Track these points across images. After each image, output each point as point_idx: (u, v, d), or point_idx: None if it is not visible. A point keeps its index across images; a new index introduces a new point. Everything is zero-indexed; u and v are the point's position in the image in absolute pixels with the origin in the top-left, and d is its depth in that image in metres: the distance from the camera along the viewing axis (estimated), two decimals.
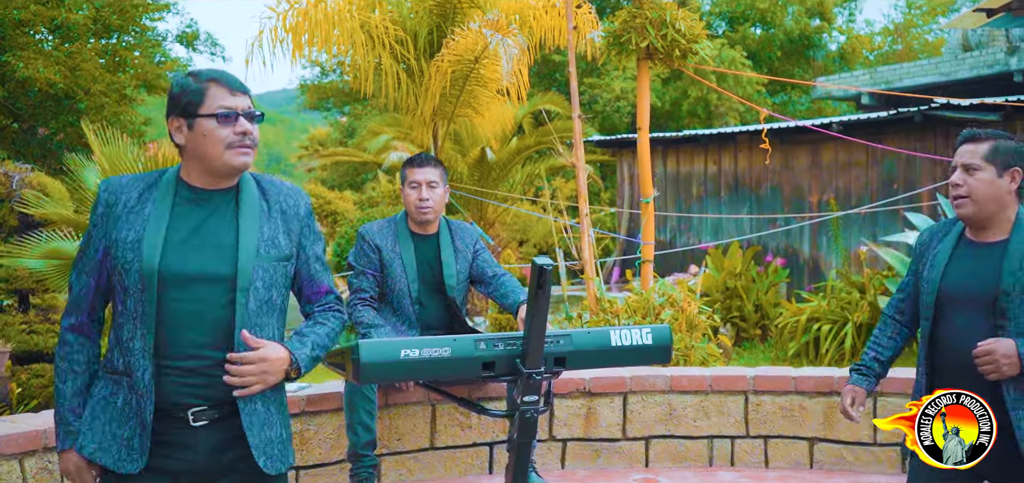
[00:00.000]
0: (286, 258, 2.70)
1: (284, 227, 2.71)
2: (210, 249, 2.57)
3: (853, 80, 21.68)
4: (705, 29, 7.67)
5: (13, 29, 17.02)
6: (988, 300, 3.11)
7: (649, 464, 5.12)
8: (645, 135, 7.62)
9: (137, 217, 2.55)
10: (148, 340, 2.51)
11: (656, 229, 15.73)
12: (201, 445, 2.59)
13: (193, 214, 2.60)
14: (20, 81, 16.65)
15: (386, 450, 4.84)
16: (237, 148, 2.57)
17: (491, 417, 3.85)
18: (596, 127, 24.55)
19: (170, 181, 2.61)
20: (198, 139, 2.56)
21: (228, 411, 2.60)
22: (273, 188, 2.74)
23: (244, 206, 2.64)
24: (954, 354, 3.14)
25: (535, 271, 3.18)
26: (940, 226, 3.37)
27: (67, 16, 17.49)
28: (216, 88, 2.56)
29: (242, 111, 2.58)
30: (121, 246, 2.53)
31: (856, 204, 13.84)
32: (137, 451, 2.54)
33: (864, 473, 4.96)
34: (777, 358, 10.86)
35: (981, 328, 3.11)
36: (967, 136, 3.23)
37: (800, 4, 28.94)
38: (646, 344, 3.53)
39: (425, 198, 4.63)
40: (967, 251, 3.20)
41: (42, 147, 18.66)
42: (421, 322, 4.64)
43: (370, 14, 11.49)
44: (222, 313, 2.57)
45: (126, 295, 2.54)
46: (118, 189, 2.59)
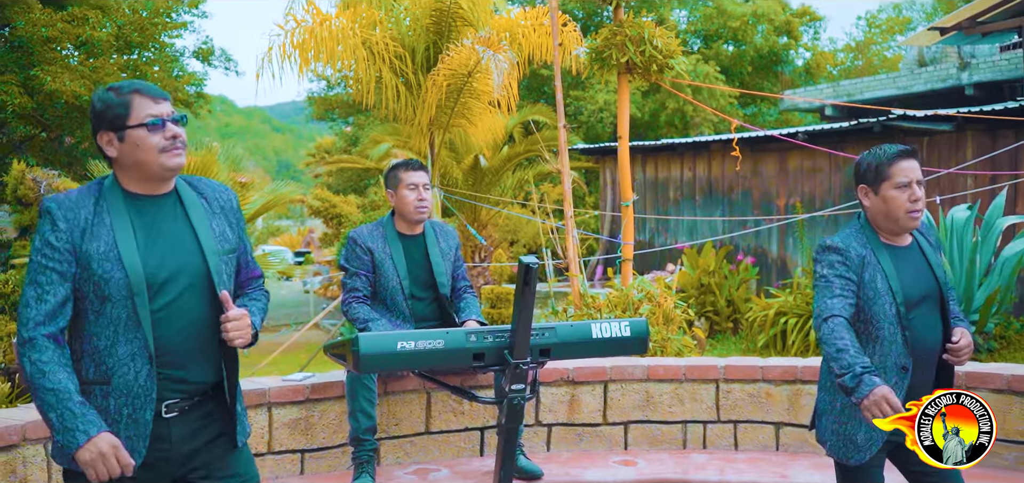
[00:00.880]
0: (233, 250, 2.70)
1: (226, 221, 2.69)
2: (177, 250, 2.54)
3: (817, 93, 21.71)
4: (681, 46, 7.68)
5: (41, 45, 16.96)
6: (936, 296, 3.18)
7: (628, 447, 5.13)
8: (625, 144, 7.63)
9: (100, 228, 2.47)
10: (141, 342, 2.46)
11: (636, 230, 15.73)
12: (174, 435, 2.56)
13: (146, 219, 2.54)
14: (48, 94, 16.59)
15: (385, 434, 4.84)
16: (170, 151, 2.51)
17: (482, 403, 3.85)
18: (581, 136, 24.56)
19: (114, 191, 2.54)
20: (131, 149, 2.50)
21: (198, 400, 2.60)
22: (208, 188, 2.72)
23: (190, 207, 2.61)
24: (923, 347, 3.13)
25: (522, 269, 3.19)
26: (850, 234, 3.21)
27: (91, 33, 17.44)
28: (140, 99, 2.50)
29: (167, 117, 2.52)
30: (96, 258, 2.45)
31: (820, 207, 13.86)
32: (132, 453, 2.47)
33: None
34: (747, 349, 10.88)
35: (936, 321, 3.17)
36: (910, 152, 3.17)
37: (769, 23, 29.00)
38: (624, 336, 3.55)
39: (423, 198, 4.64)
40: (900, 257, 3.18)
41: (68, 155, 18.61)
42: (414, 315, 4.64)
43: (371, 32, 11.50)
44: (198, 307, 2.56)
45: (105, 304, 2.45)
46: (74, 205, 2.49)
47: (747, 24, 28.72)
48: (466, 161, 15.71)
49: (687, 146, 15.93)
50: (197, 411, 2.60)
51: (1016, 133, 11.80)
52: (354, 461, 4.46)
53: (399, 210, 4.68)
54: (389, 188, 4.71)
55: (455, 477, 4.65)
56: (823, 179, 14.15)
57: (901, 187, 3.10)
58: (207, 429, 2.63)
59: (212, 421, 2.64)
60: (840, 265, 3.12)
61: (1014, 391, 4.60)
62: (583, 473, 4.68)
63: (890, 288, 3.10)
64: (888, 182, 3.13)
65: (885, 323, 3.09)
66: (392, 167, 4.73)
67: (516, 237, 19.12)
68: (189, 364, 2.55)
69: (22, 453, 3.78)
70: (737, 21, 28.60)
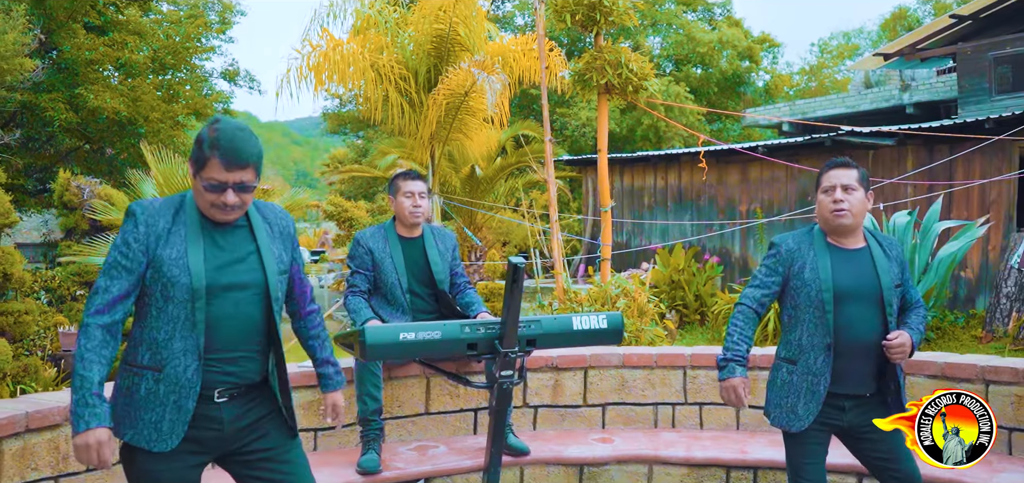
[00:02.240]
0: (286, 270, 2.72)
1: (283, 245, 2.72)
2: (239, 263, 2.57)
3: (776, 111, 21.75)
4: (654, 69, 7.70)
5: (85, 67, 16.94)
6: (875, 296, 3.20)
7: (605, 426, 5.12)
8: (604, 156, 7.63)
9: (176, 237, 2.51)
10: (194, 340, 2.50)
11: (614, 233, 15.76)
12: (225, 416, 2.60)
13: (218, 238, 2.57)
14: (91, 110, 16.57)
15: (389, 415, 4.82)
16: (221, 211, 2.53)
17: (475, 388, 3.84)
18: (565, 148, 24.55)
19: (191, 207, 2.58)
20: (197, 189, 2.54)
21: (245, 389, 2.63)
22: (272, 213, 2.74)
23: (257, 228, 2.64)
24: (851, 338, 3.16)
25: (510, 269, 3.18)
26: (800, 235, 3.31)
27: (130, 56, 17.42)
28: (215, 162, 2.47)
29: (232, 183, 2.49)
30: (166, 263, 2.48)
31: (777, 212, 13.88)
32: (166, 432, 2.51)
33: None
34: (713, 339, 10.88)
35: (872, 317, 3.19)
36: (840, 163, 3.27)
37: (733, 49, 29.03)
38: (602, 328, 3.54)
39: (418, 204, 4.63)
40: (840, 255, 3.22)
41: (109, 164, 18.55)
42: (413, 309, 4.62)
43: (379, 55, 11.48)
44: (254, 314, 2.59)
45: (167, 303, 2.49)
46: (154, 212, 2.53)
47: (713, 50, 28.74)
48: (463, 171, 15.70)
49: (660, 158, 15.94)
50: (246, 396, 2.64)
51: (951, 148, 11.84)
52: (362, 439, 4.45)
53: (397, 215, 4.68)
54: (390, 195, 4.71)
55: (451, 453, 4.64)
56: (780, 187, 14.17)
57: (826, 191, 3.24)
58: (256, 408, 2.67)
59: (261, 401, 2.69)
60: (771, 259, 3.30)
61: (947, 376, 4.61)
62: (566, 449, 4.67)
63: (818, 279, 3.17)
64: (819, 187, 3.28)
65: (808, 309, 3.19)
66: (393, 177, 4.73)
67: (508, 238, 19.09)
68: (241, 360, 2.59)
69: (65, 432, 3.76)
70: (704, 47, 28.64)
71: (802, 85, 39.43)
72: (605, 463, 4.60)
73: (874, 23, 54.47)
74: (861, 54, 39.76)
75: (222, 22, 22.24)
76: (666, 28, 30.50)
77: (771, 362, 4.95)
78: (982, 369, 4.51)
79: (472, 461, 4.50)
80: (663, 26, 30.47)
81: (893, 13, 37.92)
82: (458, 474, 4.45)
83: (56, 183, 10.17)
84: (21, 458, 3.59)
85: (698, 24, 30.82)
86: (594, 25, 7.28)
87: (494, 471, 3.47)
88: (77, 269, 8.93)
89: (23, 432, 3.60)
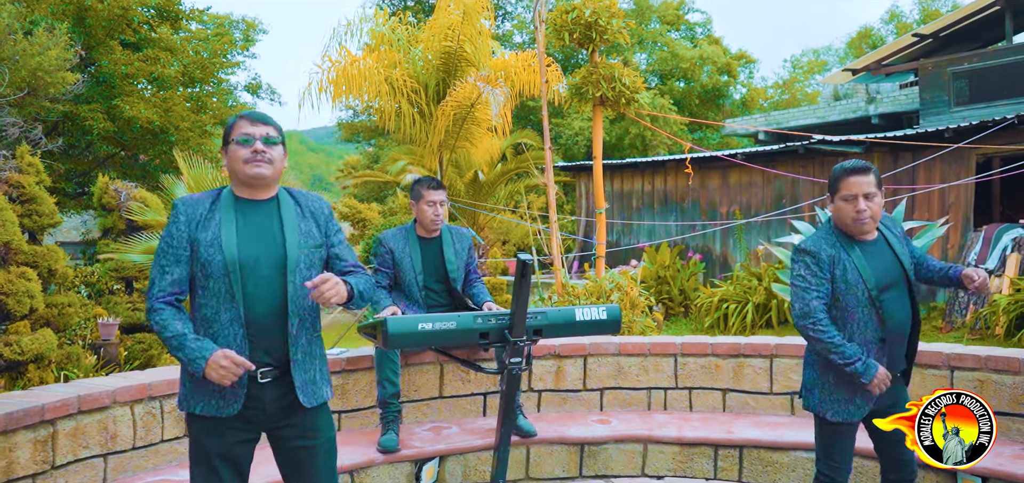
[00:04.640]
0: (319, 245, 2.71)
1: (314, 223, 2.72)
2: (266, 241, 2.59)
3: (752, 121, 21.76)
4: (643, 83, 7.70)
5: (121, 80, 16.93)
6: (903, 280, 3.11)
7: (603, 409, 5.13)
8: (598, 162, 7.63)
9: (211, 222, 2.58)
10: (236, 311, 2.52)
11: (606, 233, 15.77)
12: (266, 397, 2.61)
13: (248, 217, 2.62)
14: (126, 120, 16.55)
15: (406, 398, 4.83)
16: (252, 162, 2.58)
17: (486, 373, 3.84)
18: (560, 155, 24.54)
19: (227, 195, 2.65)
20: (230, 158, 2.61)
21: (284, 370, 2.62)
22: (303, 197, 2.78)
23: (284, 210, 2.67)
24: (895, 325, 3.06)
25: (519, 264, 3.18)
26: (821, 237, 3.12)
27: (162, 71, 17.39)
28: (242, 121, 2.62)
29: (259, 136, 2.60)
30: (204, 245, 2.54)
31: (755, 214, 13.89)
32: (231, 397, 2.55)
33: (763, 415, 4.98)
34: (696, 329, 10.90)
35: (905, 301, 3.10)
36: (860, 168, 3.07)
37: (713, 65, 29.04)
38: (602, 319, 3.55)
39: (439, 213, 4.62)
40: (868, 251, 3.09)
41: (142, 170, 18.52)
42: (427, 303, 4.63)
43: (392, 70, 11.48)
44: (279, 288, 2.59)
45: (209, 280, 2.53)
46: (193, 204, 2.61)
47: (695, 65, 28.76)
48: (468, 175, 15.69)
49: (647, 164, 15.95)
50: (283, 380, 2.63)
51: (913, 155, 11.86)
52: (382, 420, 4.46)
53: (419, 219, 4.65)
54: (413, 200, 4.67)
55: (463, 433, 4.64)
56: (757, 191, 14.19)
57: (847, 199, 3.06)
58: (288, 395, 2.64)
59: (292, 389, 2.65)
60: (813, 265, 3.05)
61: (916, 363, 4.61)
62: (567, 430, 4.68)
63: (861, 277, 3.02)
64: (838, 194, 3.09)
65: (858, 308, 3.03)
66: (416, 181, 4.69)
67: (508, 238, 19.07)
68: (275, 335, 2.58)
69: (112, 413, 3.77)
70: (687, 63, 28.67)
71: (776, 98, 39.45)
72: (604, 442, 4.61)
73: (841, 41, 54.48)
74: (830, 69, 39.80)
75: (246, 39, 22.22)
76: (652, 46, 30.51)
77: (755, 351, 5.00)
78: (947, 356, 4.52)
79: (482, 441, 4.50)
80: (649, 44, 30.48)
81: (859, 32, 38.03)
82: (470, 453, 4.45)
83: (95, 187, 10.14)
84: (74, 437, 3.60)
85: (681, 42, 30.83)
86: (590, 43, 7.27)
87: (504, 449, 3.48)
88: (115, 265, 8.92)
89: (75, 413, 3.61)
